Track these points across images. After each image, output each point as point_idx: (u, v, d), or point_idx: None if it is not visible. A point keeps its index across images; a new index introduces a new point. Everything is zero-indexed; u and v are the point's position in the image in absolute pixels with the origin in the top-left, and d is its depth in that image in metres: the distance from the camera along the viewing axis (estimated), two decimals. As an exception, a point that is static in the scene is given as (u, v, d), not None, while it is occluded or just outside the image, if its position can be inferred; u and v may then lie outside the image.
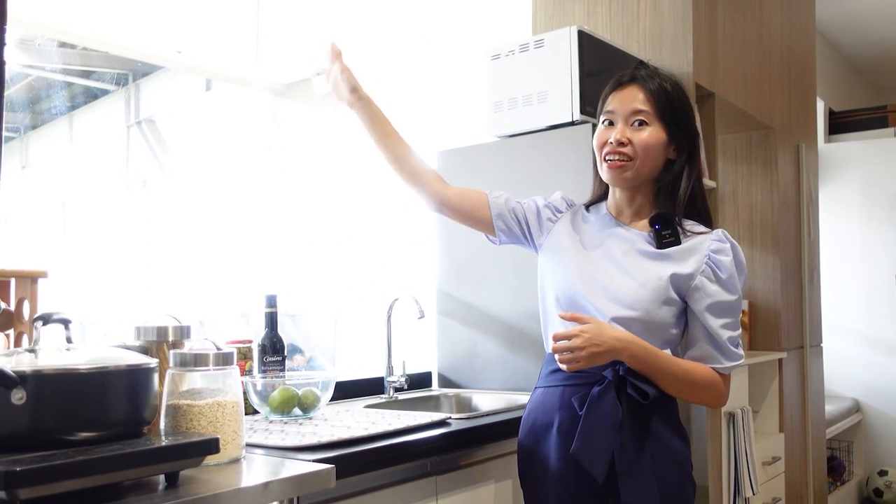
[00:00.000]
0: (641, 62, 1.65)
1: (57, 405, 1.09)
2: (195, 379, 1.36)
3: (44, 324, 1.23)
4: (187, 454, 1.15)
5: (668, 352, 1.51)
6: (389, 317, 2.27)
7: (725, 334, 1.50)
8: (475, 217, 1.75)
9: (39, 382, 1.09)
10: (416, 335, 2.73)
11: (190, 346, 1.48)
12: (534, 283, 2.31)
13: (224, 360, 1.37)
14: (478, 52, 2.67)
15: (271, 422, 1.77)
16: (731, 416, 2.79)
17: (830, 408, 4.07)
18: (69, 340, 1.26)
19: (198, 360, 1.35)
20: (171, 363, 1.36)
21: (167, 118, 6.74)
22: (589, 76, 2.29)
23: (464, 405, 2.33)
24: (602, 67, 2.36)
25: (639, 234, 1.59)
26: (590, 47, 2.31)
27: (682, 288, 1.52)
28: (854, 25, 4.53)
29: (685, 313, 1.56)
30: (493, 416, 1.79)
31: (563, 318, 1.50)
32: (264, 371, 1.99)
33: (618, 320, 1.50)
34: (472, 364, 2.45)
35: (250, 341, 1.98)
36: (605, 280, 1.55)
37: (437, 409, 2.32)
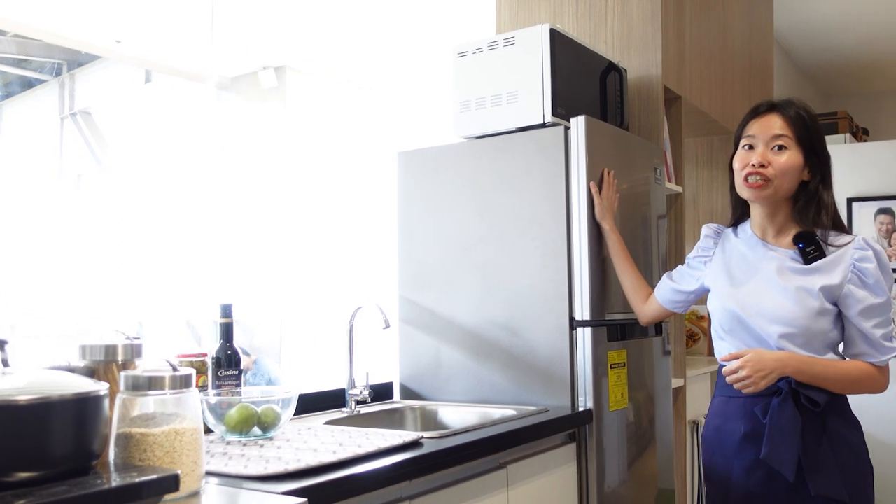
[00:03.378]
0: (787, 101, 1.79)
1: (-9, 442, 0.95)
2: (149, 404, 1.23)
3: (-25, 345, 1.08)
4: (143, 495, 1.02)
5: (830, 355, 1.72)
6: (351, 326, 2.15)
7: (878, 332, 1.70)
8: (666, 316, 2.15)
9: (-30, 416, 0.94)
10: (376, 343, 2.62)
11: (142, 366, 1.34)
12: (500, 290, 2.23)
13: (182, 382, 1.24)
14: (442, 48, 2.57)
15: (228, 443, 1.64)
16: (696, 425, 2.76)
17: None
18: (5, 363, 1.11)
19: (152, 383, 1.21)
20: (123, 386, 1.22)
21: (104, 110, 6.43)
22: (561, 77, 2.21)
23: (430, 419, 2.22)
24: (574, 68, 2.28)
25: (785, 252, 1.77)
26: (562, 47, 2.23)
27: (833, 297, 1.71)
28: (806, 32, 4.58)
29: (840, 316, 1.73)
30: (469, 435, 1.69)
31: (723, 361, 1.74)
32: (219, 386, 1.85)
33: (784, 336, 1.70)
34: (436, 374, 2.35)
35: (204, 355, 1.84)
36: (765, 303, 1.74)
37: (401, 423, 2.21)
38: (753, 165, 1.73)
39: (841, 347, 1.77)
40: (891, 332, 1.71)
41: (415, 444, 1.60)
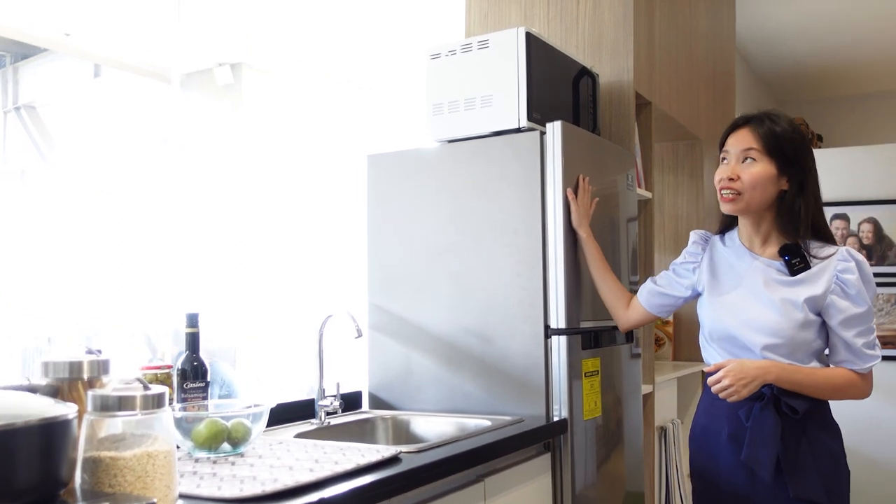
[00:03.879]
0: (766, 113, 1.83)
1: (-50, 474, 0.87)
2: (118, 424, 1.15)
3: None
4: (118, 527, 0.95)
5: (814, 363, 1.77)
6: (321, 335, 2.08)
7: (860, 341, 1.74)
8: (649, 321, 2.15)
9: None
10: (344, 351, 2.55)
11: (110, 383, 1.26)
12: (473, 297, 2.19)
13: (154, 401, 1.16)
14: (412, 49, 2.52)
15: (197, 460, 1.56)
16: (663, 431, 2.76)
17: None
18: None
19: (122, 403, 1.14)
20: (90, 407, 1.14)
21: (50, 105, 6.19)
22: (536, 81, 2.18)
23: (402, 430, 2.17)
24: (548, 72, 2.25)
25: (771, 263, 1.81)
26: (537, 51, 2.20)
27: (817, 307, 1.75)
28: (763, 40, 4.65)
29: (824, 325, 1.78)
30: (447, 449, 1.65)
31: (707, 372, 1.78)
32: (185, 399, 1.77)
33: (767, 347, 1.75)
34: (407, 383, 2.30)
35: (169, 366, 1.76)
36: (750, 313, 1.78)
37: (373, 434, 2.15)
38: (724, 179, 1.80)
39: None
40: (873, 340, 1.77)
41: (393, 460, 1.54)
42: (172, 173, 5.28)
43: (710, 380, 1.76)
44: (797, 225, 1.77)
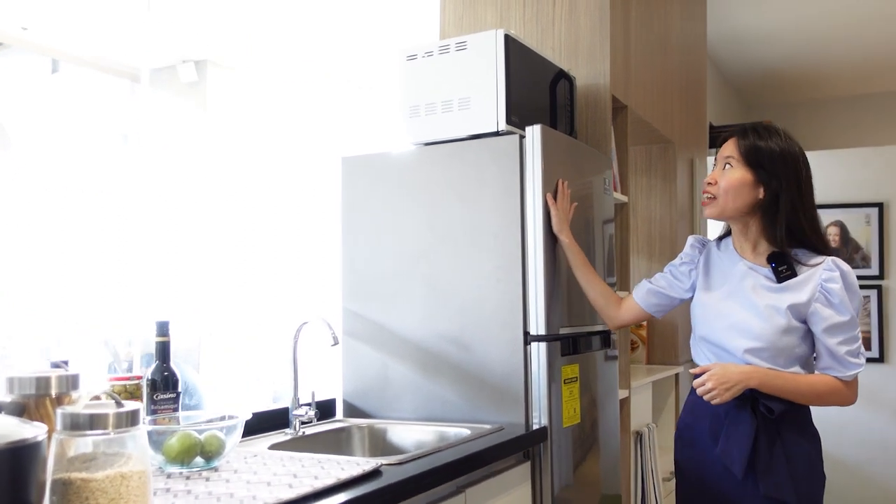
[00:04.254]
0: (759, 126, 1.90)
1: None
2: (88, 443, 1.09)
3: None
4: (92, 556, 0.89)
5: (796, 368, 1.81)
6: (296, 343, 2.03)
7: (843, 349, 1.78)
8: (641, 319, 2.16)
9: None
10: (317, 357, 2.50)
11: (79, 399, 1.20)
12: (451, 303, 2.15)
13: (128, 419, 1.11)
14: (386, 48, 2.48)
15: (169, 476, 1.50)
16: (639, 435, 2.76)
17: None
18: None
19: (94, 422, 1.08)
20: (60, 426, 1.08)
21: (4, 100, 6.00)
22: (515, 84, 2.15)
23: (378, 439, 2.12)
24: (526, 75, 2.23)
25: (759, 269, 1.86)
26: (516, 53, 2.17)
27: (801, 314, 1.79)
28: (731, 42, 4.69)
29: (810, 332, 1.82)
30: (429, 460, 1.61)
31: (693, 373, 1.84)
32: (155, 411, 1.71)
33: (749, 351, 1.80)
34: (383, 390, 2.25)
35: (139, 377, 1.69)
36: (736, 317, 1.84)
37: (349, 444, 2.10)
38: (704, 184, 1.91)
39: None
40: (857, 349, 1.80)
41: (374, 474, 1.50)
42: (134, 172, 5.14)
43: (694, 382, 1.82)
44: (775, 233, 1.83)
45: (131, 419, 1.11)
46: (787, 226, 1.81)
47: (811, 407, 1.87)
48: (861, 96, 5.84)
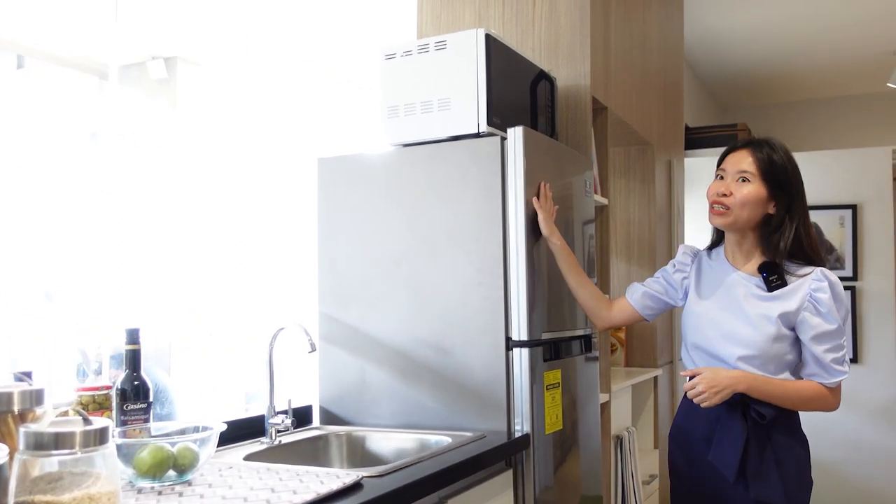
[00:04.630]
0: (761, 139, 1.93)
1: None
2: (55, 464, 1.03)
3: None
4: (58, 588, 0.83)
5: (785, 374, 1.85)
6: (272, 350, 1.97)
7: (829, 357, 1.82)
8: (632, 321, 2.19)
9: None
10: (294, 363, 2.44)
11: (44, 415, 1.13)
12: (431, 307, 2.11)
13: (96, 437, 1.05)
14: (363, 46, 2.42)
15: (140, 491, 1.44)
16: (619, 440, 2.74)
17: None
18: None
19: (59, 441, 1.02)
20: (23, 445, 1.02)
21: (-32, 97, 5.83)
22: (496, 85, 2.11)
23: (357, 447, 2.07)
24: (507, 76, 2.19)
25: (751, 279, 1.90)
26: (497, 53, 2.13)
27: (790, 322, 1.84)
28: (706, 44, 4.70)
29: (798, 340, 1.86)
30: (411, 472, 1.56)
31: (684, 375, 1.89)
32: (125, 422, 1.64)
33: (742, 358, 1.85)
34: (361, 397, 2.20)
35: (108, 387, 1.62)
36: (727, 325, 1.89)
37: (326, 453, 2.04)
38: (717, 194, 1.90)
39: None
40: (842, 357, 1.85)
41: (355, 487, 1.45)
42: (102, 170, 5.02)
43: (685, 385, 1.87)
44: (779, 246, 1.86)
45: (100, 437, 1.05)
46: (792, 240, 1.86)
47: (800, 413, 1.91)
48: (833, 98, 5.90)
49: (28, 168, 5.09)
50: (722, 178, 1.92)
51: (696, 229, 4.59)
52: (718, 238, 2.03)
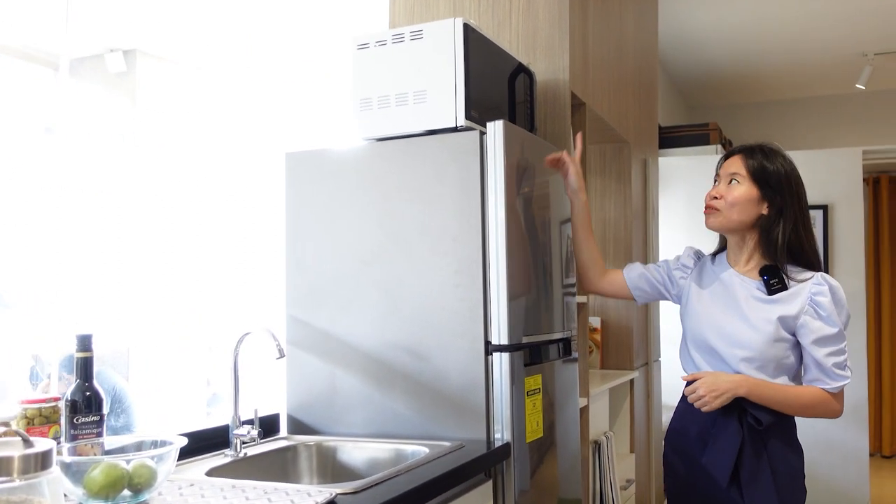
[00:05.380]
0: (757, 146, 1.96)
1: None
2: (-10, 491, 0.91)
3: None
4: None
5: (784, 378, 1.86)
6: (237, 356, 1.85)
7: (830, 361, 1.83)
8: (619, 296, 2.21)
9: None
10: (261, 369, 2.32)
11: (-21, 436, 1.00)
12: (405, 309, 2.01)
13: (38, 462, 0.93)
14: (334, 36, 2.31)
15: (91, 514, 1.32)
16: (598, 445, 2.66)
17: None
18: None
19: (-4, 466, 0.90)
20: (-49, 472, 0.90)
21: (-83, 89, 5.57)
22: (474, 77, 2.01)
23: (328, 459, 1.96)
24: (485, 68, 2.09)
25: (752, 282, 1.92)
26: (475, 44, 2.03)
27: (790, 326, 1.85)
28: (677, 43, 4.66)
29: (798, 345, 1.87)
30: (389, 486, 1.46)
31: (685, 380, 1.91)
32: (75, 436, 1.51)
33: (744, 360, 1.86)
34: (331, 404, 2.09)
35: (56, 399, 1.49)
36: (729, 327, 1.90)
37: (295, 465, 1.93)
38: (710, 198, 1.96)
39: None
40: (843, 361, 1.86)
41: (329, 505, 1.34)
42: (57, 166, 4.82)
43: (686, 389, 1.89)
44: (774, 248, 1.89)
45: (42, 462, 0.93)
46: (787, 242, 1.89)
47: (796, 420, 1.92)
48: (803, 99, 5.93)
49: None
50: (717, 182, 1.98)
51: (669, 227, 4.56)
52: (723, 244, 2.05)
